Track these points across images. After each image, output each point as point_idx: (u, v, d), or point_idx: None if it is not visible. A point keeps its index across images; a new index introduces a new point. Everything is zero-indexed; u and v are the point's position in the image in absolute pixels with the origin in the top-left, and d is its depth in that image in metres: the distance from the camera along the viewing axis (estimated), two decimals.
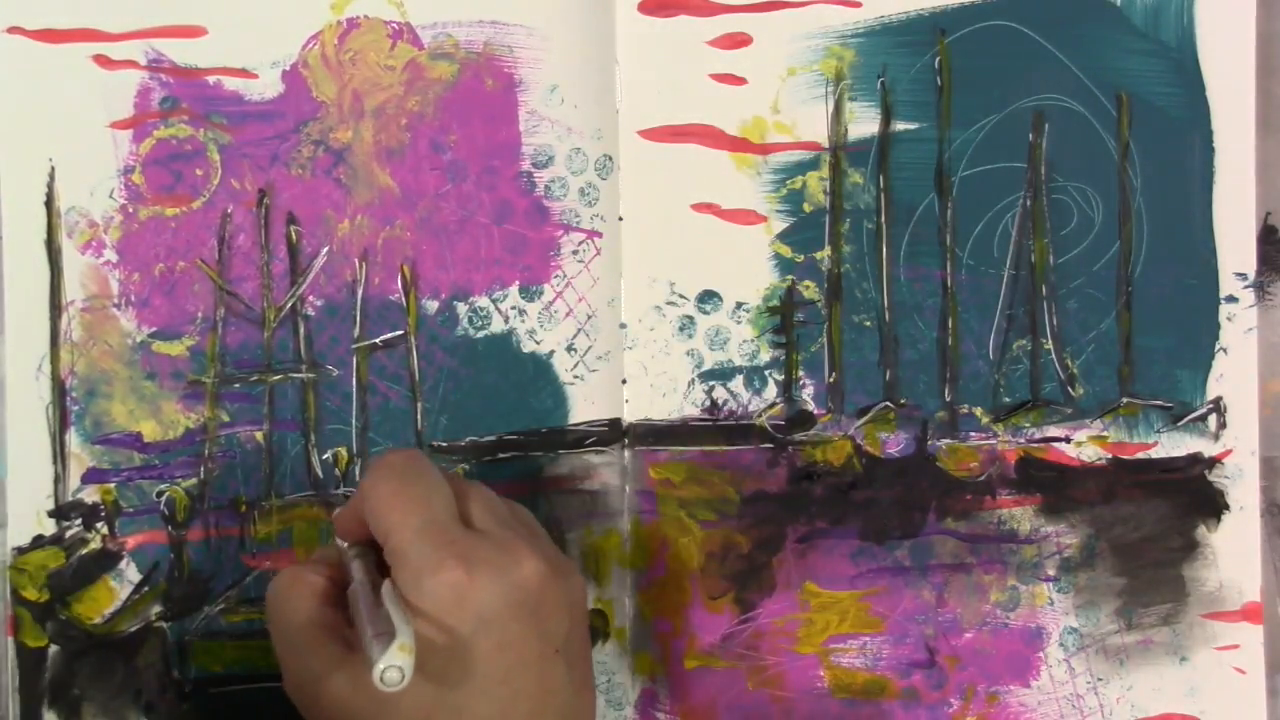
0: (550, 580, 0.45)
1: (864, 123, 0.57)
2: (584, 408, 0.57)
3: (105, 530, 0.54)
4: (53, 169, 0.53)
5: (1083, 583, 0.59)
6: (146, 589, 0.54)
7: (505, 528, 0.46)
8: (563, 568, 0.46)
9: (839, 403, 0.58)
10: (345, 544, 0.49)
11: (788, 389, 0.58)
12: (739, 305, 0.57)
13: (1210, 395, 0.59)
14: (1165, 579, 0.59)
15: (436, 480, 0.46)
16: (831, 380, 0.58)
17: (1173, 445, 0.59)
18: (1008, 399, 0.58)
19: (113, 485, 0.54)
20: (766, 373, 0.58)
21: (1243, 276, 0.59)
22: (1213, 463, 0.59)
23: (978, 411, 0.58)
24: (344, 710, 0.44)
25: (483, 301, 0.56)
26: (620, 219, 0.57)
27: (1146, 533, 0.59)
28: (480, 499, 0.47)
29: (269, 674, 0.55)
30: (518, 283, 0.56)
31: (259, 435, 0.55)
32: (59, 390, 0.54)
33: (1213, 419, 0.59)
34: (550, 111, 0.56)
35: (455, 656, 0.43)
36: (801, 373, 0.58)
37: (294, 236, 0.55)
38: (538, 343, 0.56)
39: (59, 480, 0.54)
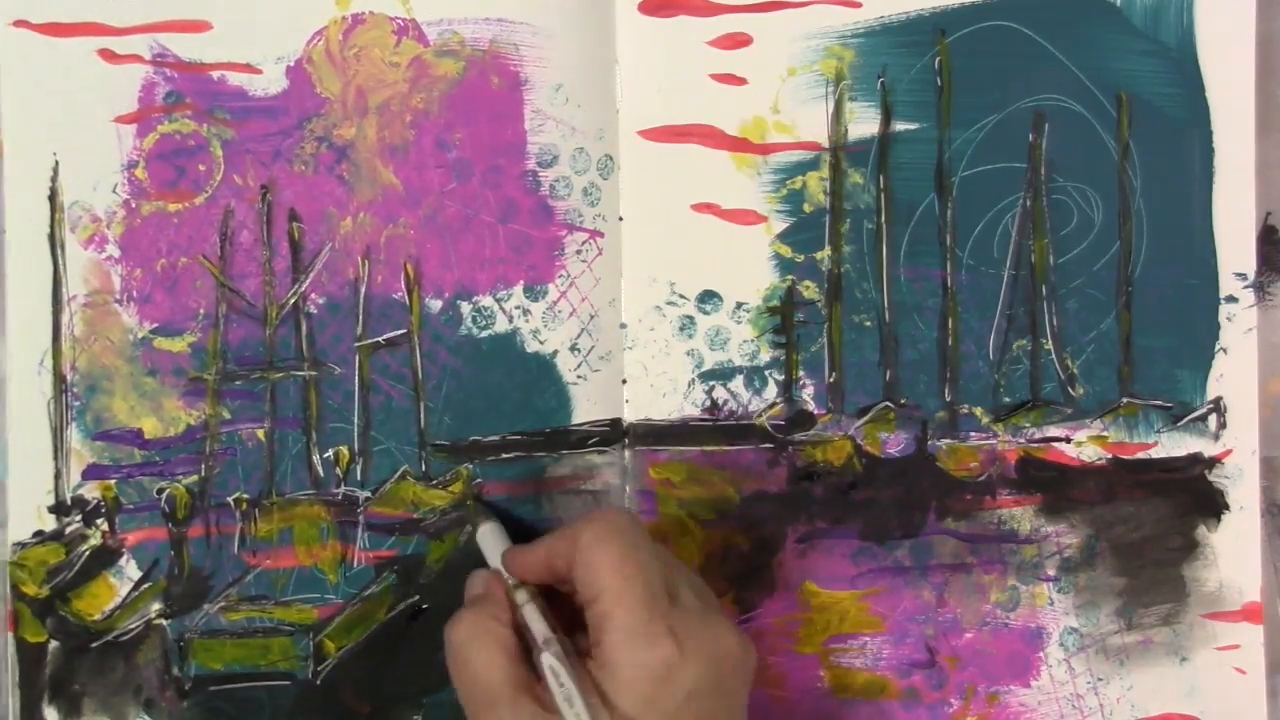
0: (743, 655, 0.47)
1: (864, 123, 0.58)
2: (586, 408, 0.57)
3: (105, 527, 0.54)
4: (56, 163, 0.53)
5: (1083, 583, 0.59)
6: (146, 586, 0.54)
7: (704, 603, 0.48)
8: (746, 641, 0.48)
9: (839, 403, 0.58)
10: (513, 581, 0.50)
11: (788, 389, 0.58)
12: (739, 305, 0.57)
13: (1210, 395, 0.59)
14: (1165, 579, 0.59)
15: (654, 550, 0.48)
16: (831, 380, 0.58)
17: (1173, 445, 0.59)
18: (1008, 399, 0.58)
19: (113, 482, 0.54)
20: (766, 373, 0.58)
21: (1243, 276, 0.59)
22: (1213, 463, 0.59)
23: (978, 411, 0.58)
24: None
25: (487, 301, 0.56)
26: (621, 219, 0.57)
27: (1146, 533, 0.59)
28: (682, 573, 0.49)
29: (268, 672, 0.55)
30: (522, 282, 0.56)
31: (260, 433, 0.55)
32: (60, 386, 0.54)
33: (1213, 419, 0.59)
34: (555, 111, 0.56)
35: None
36: (801, 373, 0.58)
37: (296, 233, 0.55)
38: (541, 343, 0.56)
39: (59, 476, 0.54)
